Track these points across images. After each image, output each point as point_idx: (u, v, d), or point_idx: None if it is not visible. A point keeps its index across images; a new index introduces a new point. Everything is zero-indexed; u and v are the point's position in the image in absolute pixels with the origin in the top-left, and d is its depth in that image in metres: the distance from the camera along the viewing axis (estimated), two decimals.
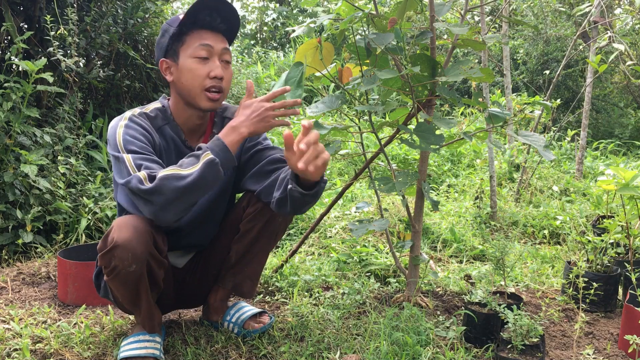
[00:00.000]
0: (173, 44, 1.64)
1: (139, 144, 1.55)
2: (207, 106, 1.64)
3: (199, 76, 1.60)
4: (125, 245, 1.45)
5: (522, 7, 7.60)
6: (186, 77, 1.61)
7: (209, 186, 1.48)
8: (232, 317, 1.86)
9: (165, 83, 4.27)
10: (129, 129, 1.58)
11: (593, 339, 1.93)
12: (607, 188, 2.15)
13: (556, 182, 4.27)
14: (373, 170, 2.44)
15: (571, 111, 6.44)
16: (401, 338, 1.67)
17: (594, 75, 4.39)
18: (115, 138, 1.56)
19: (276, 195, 1.61)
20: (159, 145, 1.65)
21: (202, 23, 1.62)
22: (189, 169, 1.45)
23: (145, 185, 1.43)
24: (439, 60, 1.95)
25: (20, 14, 3.27)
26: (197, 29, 1.62)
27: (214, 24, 1.63)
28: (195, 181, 1.44)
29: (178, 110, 1.69)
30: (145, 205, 1.46)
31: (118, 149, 1.54)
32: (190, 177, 1.43)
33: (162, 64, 1.67)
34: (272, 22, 10.36)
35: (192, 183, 1.43)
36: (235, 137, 1.53)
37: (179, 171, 1.45)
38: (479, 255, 2.93)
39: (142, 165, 1.49)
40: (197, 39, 1.61)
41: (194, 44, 1.60)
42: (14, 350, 1.67)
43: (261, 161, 1.74)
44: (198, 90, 1.61)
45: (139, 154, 1.53)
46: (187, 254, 1.87)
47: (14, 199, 2.65)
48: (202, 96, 1.62)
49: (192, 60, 1.60)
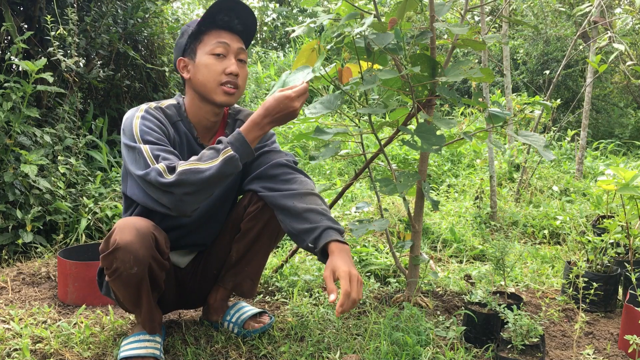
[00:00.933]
0: (191, 43, 1.68)
1: (155, 135, 1.56)
2: (223, 100, 1.66)
3: (215, 71, 1.64)
4: (127, 248, 1.46)
5: (522, 7, 7.60)
6: (202, 72, 1.64)
7: (227, 179, 1.52)
8: (232, 317, 1.86)
9: (164, 83, 4.27)
10: (145, 120, 1.59)
11: (593, 339, 1.93)
12: (607, 188, 2.15)
13: (556, 182, 4.27)
14: (373, 171, 2.44)
15: (571, 111, 6.44)
16: (401, 338, 1.67)
17: (594, 75, 4.39)
18: (132, 128, 1.57)
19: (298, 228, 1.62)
20: (173, 138, 1.66)
21: (220, 23, 1.66)
22: (208, 163, 1.47)
23: (165, 178, 1.45)
24: (439, 60, 1.95)
25: (20, 14, 3.27)
26: (215, 28, 1.66)
27: (231, 25, 1.67)
28: (214, 175, 1.47)
29: (193, 108, 1.71)
30: (164, 196, 1.47)
31: (135, 139, 1.54)
32: (209, 171, 1.46)
33: (180, 63, 1.70)
34: (272, 22, 10.36)
35: (211, 177, 1.46)
36: (257, 132, 1.55)
37: (198, 165, 1.47)
38: (479, 255, 2.93)
39: (159, 156, 1.50)
40: (215, 37, 1.65)
41: (211, 42, 1.65)
42: (14, 350, 1.67)
43: (265, 164, 1.74)
44: (214, 85, 1.64)
45: (156, 144, 1.54)
46: (190, 254, 1.87)
47: (14, 199, 2.65)
48: (217, 90, 1.65)
49: (208, 56, 1.64)
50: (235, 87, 1.66)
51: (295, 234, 1.65)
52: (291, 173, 1.73)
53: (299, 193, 1.66)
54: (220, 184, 1.52)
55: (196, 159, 1.49)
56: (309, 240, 1.60)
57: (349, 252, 1.56)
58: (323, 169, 4.70)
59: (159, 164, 1.48)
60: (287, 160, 1.75)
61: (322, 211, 1.63)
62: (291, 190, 1.68)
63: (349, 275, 1.47)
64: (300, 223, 1.62)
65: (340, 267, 1.48)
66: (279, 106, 1.54)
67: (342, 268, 1.48)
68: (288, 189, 1.68)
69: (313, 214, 1.61)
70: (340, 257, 1.52)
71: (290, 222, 1.64)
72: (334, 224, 1.61)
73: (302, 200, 1.65)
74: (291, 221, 1.64)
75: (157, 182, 1.45)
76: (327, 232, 1.58)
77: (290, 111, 1.55)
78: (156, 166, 1.47)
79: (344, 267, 1.48)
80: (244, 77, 1.69)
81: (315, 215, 1.61)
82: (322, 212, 1.62)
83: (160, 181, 1.44)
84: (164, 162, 1.48)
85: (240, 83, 1.67)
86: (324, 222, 1.60)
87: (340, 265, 1.49)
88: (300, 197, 1.65)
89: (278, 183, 1.71)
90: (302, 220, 1.62)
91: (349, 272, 1.47)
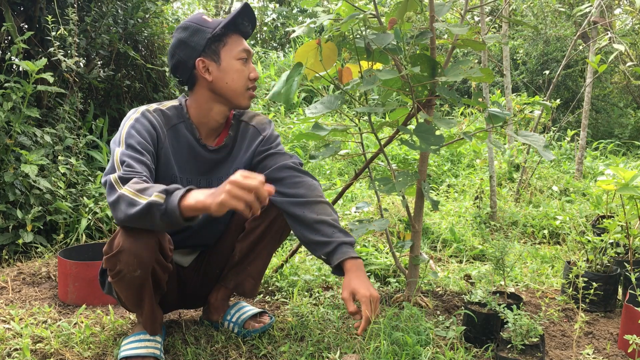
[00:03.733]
0: (212, 44, 1.65)
1: (137, 139, 1.55)
2: (248, 104, 1.73)
3: (244, 77, 1.69)
4: (131, 250, 1.45)
5: (522, 7, 7.60)
6: (232, 77, 1.67)
7: (156, 225, 1.40)
8: (232, 316, 1.87)
9: (165, 83, 4.27)
10: (137, 123, 1.59)
11: (593, 339, 1.93)
12: (606, 188, 2.15)
13: (556, 182, 4.28)
14: (373, 170, 2.44)
15: (571, 111, 6.44)
16: (401, 338, 1.67)
17: (594, 75, 4.39)
18: (122, 129, 1.58)
19: (310, 238, 1.67)
20: (165, 144, 1.65)
21: (240, 27, 1.70)
22: (143, 197, 1.37)
23: (112, 190, 1.42)
24: (439, 60, 1.95)
25: (21, 14, 3.27)
26: (235, 32, 1.69)
27: (244, 29, 1.72)
28: (141, 214, 1.36)
29: (202, 109, 1.70)
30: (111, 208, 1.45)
31: (119, 140, 1.55)
32: (138, 207, 1.36)
33: (199, 64, 1.65)
34: (272, 22, 10.36)
35: (137, 214, 1.36)
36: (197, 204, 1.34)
37: (135, 196, 1.38)
38: (479, 255, 2.93)
39: (124, 162, 1.47)
40: (237, 42, 1.69)
41: (236, 47, 1.68)
42: (15, 350, 1.67)
43: (271, 167, 1.74)
44: (242, 90, 1.69)
45: (131, 148, 1.52)
46: (193, 253, 1.87)
47: (15, 199, 2.65)
48: (245, 95, 1.70)
49: (236, 62, 1.67)
50: (254, 90, 1.73)
51: (306, 243, 1.71)
52: (298, 176, 1.74)
53: (308, 201, 1.69)
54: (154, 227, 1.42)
55: (144, 187, 1.39)
56: (321, 252, 1.67)
57: (363, 268, 1.65)
58: (323, 169, 4.70)
59: (116, 172, 1.45)
60: (293, 162, 1.75)
61: (333, 223, 1.68)
62: (300, 197, 1.70)
63: (369, 299, 1.56)
64: (312, 234, 1.67)
65: (360, 291, 1.57)
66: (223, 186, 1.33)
67: (361, 291, 1.57)
68: (296, 195, 1.70)
69: (325, 226, 1.67)
70: (357, 277, 1.60)
71: (301, 230, 1.70)
72: (346, 236, 1.67)
73: (312, 210, 1.68)
74: (302, 229, 1.69)
75: (106, 192, 1.45)
76: (340, 249, 1.64)
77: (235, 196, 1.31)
78: (110, 176, 1.44)
79: (363, 291, 1.57)
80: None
81: (327, 227, 1.67)
82: (333, 224, 1.68)
83: (107, 192, 1.45)
84: (122, 171, 1.44)
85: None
86: (337, 236, 1.66)
87: (359, 288, 1.57)
88: (310, 207, 1.69)
89: (285, 187, 1.72)
90: (314, 231, 1.67)
91: (369, 297, 1.56)
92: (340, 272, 1.65)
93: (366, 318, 1.55)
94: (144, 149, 1.55)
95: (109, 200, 1.44)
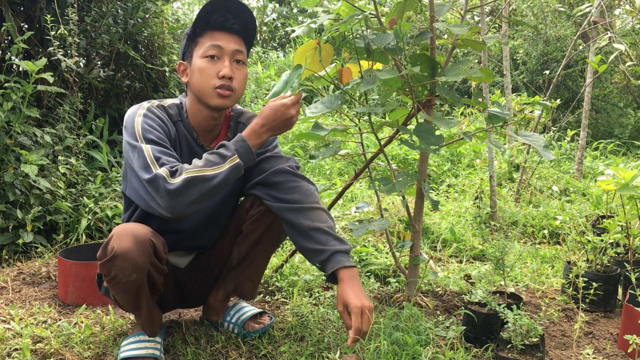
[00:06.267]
0: (188, 46, 1.67)
1: (157, 134, 1.56)
2: (217, 103, 1.63)
3: (208, 75, 1.61)
4: (125, 255, 1.45)
5: (522, 7, 7.60)
6: (197, 76, 1.63)
7: (230, 185, 1.57)
8: (232, 317, 1.86)
9: (165, 83, 4.27)
10: (147, 118, 1.59)
11: (593, 339, 1.93)
12: (606, 188, 2.15)
13: (556, 182, 4.28)
14: (373, 170, 2.44)
15: (571, 111, 6.44)
16: (401, 338, 1.67)
17: (594, 75, 4.39)
18: (134, 126, 1.57)
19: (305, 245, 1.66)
20: (174, 138, 1.66)
21: (215, 24, 1.64)
22: (214, 170, 1.50)
23: (170, 184, 1.45)
24: (439, 60, 1.95)
25: (21, 14, 3.27)
26: (210, 30, 1.64)
27: (226, 24, 1.64)
28: (221, 183, 1.51)
29: (193, 110, 1.70)
30: (168, 201, 1.46)
31: (136, 138, 1.54)
32: (216, 179, 1.49)
33: (180, 67, 1.69)
34: (272, 22, 10.36)
35: (218, 184, 1.50)
36: (256, 140, 1.59)
37: (204, 172, 1.49)
38: (479, 255, 2.93)
39: (160, 158, 1.50)
40: (209, 39, 1.63)
41: (205, 44, 1.63)
42: (15, 350, 1.67)
43: (267, 170, 1.73)
44: (208, 89, 1.62)
45: (157, 145, 1.54)
46: (189, 254, 1.87)
47: (15, 198, 2.65)
48: (212, 94, 1.62)
49: (202, 60, 1.62)
50: (229, 90, 1.62)
51: (301, 250, 1.69)
52: (294, 180, 1.71)
53: (303, 208, 1.66)
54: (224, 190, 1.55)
55: (201, 165, 1.50)
56: (316, 260, 1.64)
57: (358, 278, 1.61)
58: (323, 169, 4.70)
59: (161, 168, 1.47)
60: (289, 166, 1.73)
61: (328, 230, 1.65)
62: (295, 203, 1.67)
63: (361, 310, 1.52)
64: (307, 241, 1.65)
65: (352, 301, 1.54)
66: (276, 114, 1.57)
67: (353, 302, 1.53)
68: (291, 201, 1.67)
69: (319, 233, 1.64)
70: (350, 287, 1.57)
71: (296, 237, 1.68)
72: (341, 244, 1.64)
73: (307, 216, 1.65)
74: (297, 236, 1.67)
75: (164, 189, 1.45)
76: (335, 257, 1.61)
77: (287, 118, 1.58)
78: (159, 171, 1.46)
79: (355, 301, 1.53)
80: (240, 79, 1.65)
81: (321, 235, 1.63)
82: (327, 231, 1.64)
83: (167, 188, 1.45)
84: (166, 167, 1.48)
85: (235, 85, 1.63)
86: (331, 244, 1.62)
87: (352, 299, 1.54)
88: (305, 213, 1.66)
89: (281, 192, 1.70)
90: (309, 239, 1.64)
91: (361, 308, 1.53)
92: (335, 280, 1.62)
93: (356, 329, 1.51)
94: (166, 143, 1.58)
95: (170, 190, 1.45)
